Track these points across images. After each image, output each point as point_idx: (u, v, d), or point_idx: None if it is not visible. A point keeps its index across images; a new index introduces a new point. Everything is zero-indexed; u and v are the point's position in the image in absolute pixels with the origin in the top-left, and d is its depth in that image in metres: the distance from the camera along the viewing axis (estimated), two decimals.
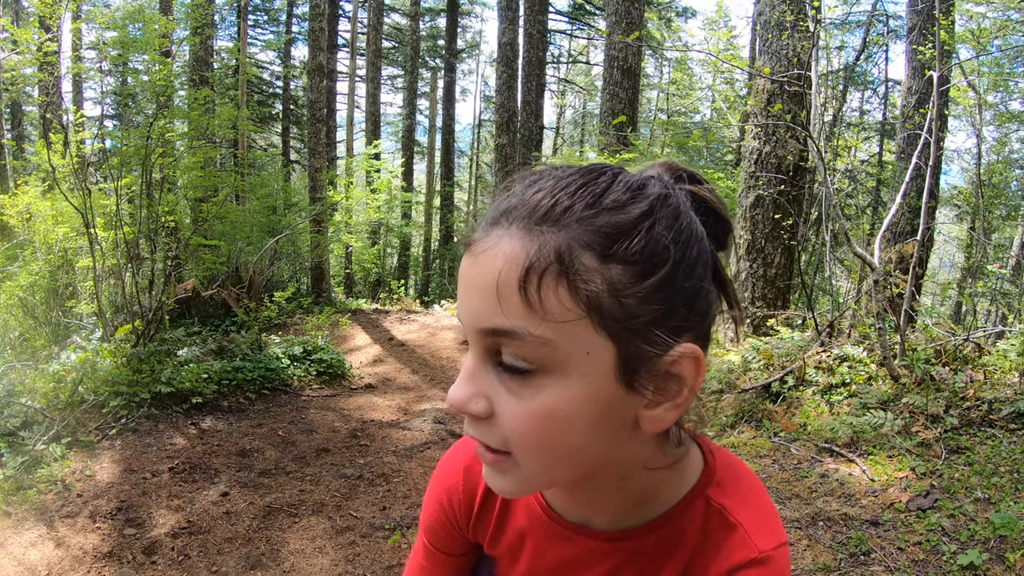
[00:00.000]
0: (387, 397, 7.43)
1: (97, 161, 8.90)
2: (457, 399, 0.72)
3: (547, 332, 0.66)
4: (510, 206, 0.71)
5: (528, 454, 0.72)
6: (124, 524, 4.13)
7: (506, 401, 0.71)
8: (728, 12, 27.79)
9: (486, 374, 0.72)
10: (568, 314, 0.66)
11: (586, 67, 33.18)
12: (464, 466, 1.04)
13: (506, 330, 0.67)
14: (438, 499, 1.06)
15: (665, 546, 0.85)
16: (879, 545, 3.36)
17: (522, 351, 0.68)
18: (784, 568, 0.82)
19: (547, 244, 0.66)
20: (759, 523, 0.83)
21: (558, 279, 0.66)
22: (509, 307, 0.67)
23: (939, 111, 5.79)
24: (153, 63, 8.30)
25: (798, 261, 8.70)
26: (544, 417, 0.69)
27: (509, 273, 0.66)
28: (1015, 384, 4.88)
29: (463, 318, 0.73)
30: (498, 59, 15.71)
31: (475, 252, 0.71)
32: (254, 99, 23.99)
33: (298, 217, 13.93)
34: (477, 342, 0.71)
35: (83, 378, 5.79)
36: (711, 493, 0.85)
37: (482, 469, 0.80)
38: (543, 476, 0.75)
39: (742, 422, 5.53)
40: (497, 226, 0.70)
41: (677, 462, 0.85)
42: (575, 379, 0.68)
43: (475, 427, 0.74)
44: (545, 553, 0.94)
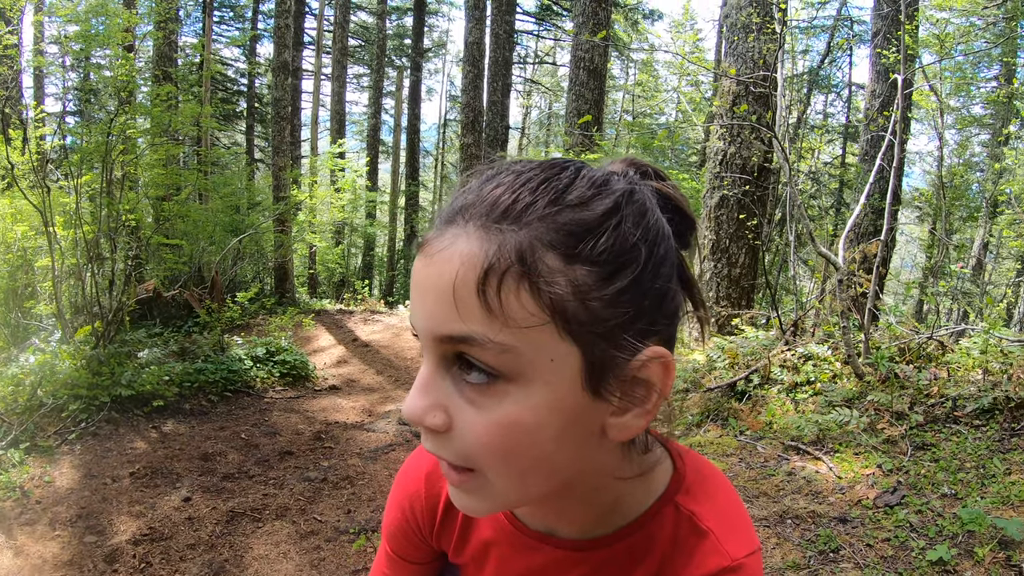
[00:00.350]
0: (351, 399, 7.37)
1: (57, 158, 8.73)
2: (414, 412, 0.67)
3: (508, 338, 0.62)
4: (466, 203, 0.66)
5: (492, 469, 0.67)
6: (84, 531, 4.04)
7: (465, 412, 0.66)
8: (694, 15, 28.03)
9: (443, 384, 0.67)
10: (531, 319, 0.62)
11: (552, 68, 33.30)
12: (426, 472, 1.01)
13: (464, 336, 0.62)
14: (400, 506, 1.03)
15: (634, 554, 0.83)
16: (848, 542, 3.37)
17: (482, 357, 0.63)
18: (758, 572, 0.79)
19: (507, 244, 0.62)
20: (730, 530, 0.81)
21: (519, 281, 0.61)
22: (467, 311, 0.62)
23: (903, 114, 5.86)
24: (116, 58, 8.16)
25: (762, 261, 8.76)
26: (506, 428, 0.65)
27: (467, 275, 0.62)
28: (978, 381, 4.95)
29: (417, 323, 0.68)
30: (464, 59, 15.69)
31: (429, 253, 0.66)
32: (218, 96, 23.74)
33: (262, 216, 13.77)
34: (433, 348, 0.66)
35: (42, 381, 5.67)
36: (680, 500, 0.83)
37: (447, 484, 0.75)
38: (516, 491, 0.70)
39: (708, 421, 5.55)
40: (453, 224, 0.66)
41: (645, 470, 0.82)
42: (538, 387, 0.64)
43: (433, 441, 0.69)
44: (511, 563, 0.92)
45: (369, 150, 23.06)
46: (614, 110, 29.70)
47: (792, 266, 7.30)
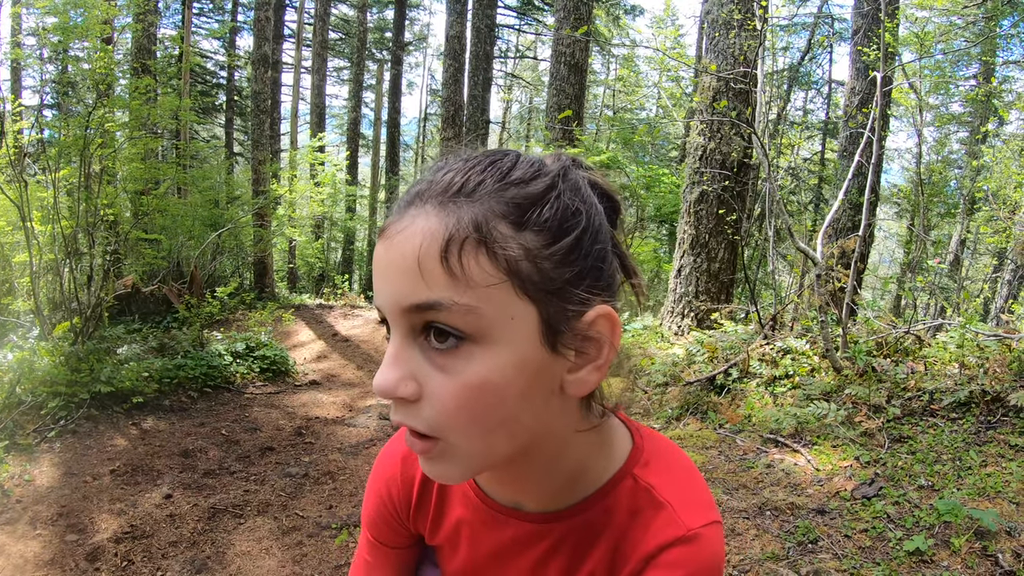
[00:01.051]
0: (332, 394, 7.35)
1: (34, 152, 8.62)
2: (386, 383, 0.71)
3: (471, 299, 0.68)
4: (421, 189, 0.74)
5: (460, 431, 0.72)
6: (65, 530, 4.02)
7: (434, 378, 0.71)
8: (675, 11, 28.09)
9: (412, 355, 0.72)
10: (490, 279, 0.68)
11: (533, 62, 33.20)
12: (402, 456, 1.04)
13: (431, 302, 0.68)
14: (377, 491, 1.07)
15: (594, 527, 0.86)
16: (826, 533, 3.42)
17: (449, 320, 0.68)
18: (713, 546, 0.82)
19: (464, 216, 0.69)
20: (687, 501, 0.84)
21: (477, 247, 0.68)
22: (432, 279, 0.68)
23: (882, 111, 5.92)
24: (94, 50, 8.07)
25: (741, 256, 8.82)
26: (475, 388, 0.69)
27: (430, 247, 0.68)
28: (955, 375, 5.01)
29: (384, 301, 0.72)
30: (445, 52, 15.64)
31: (390, 235, 0.72)
32: (197, 89, 23.50)
33: (241, 211, 13.67)
34: (401, 322, 0.71)
35: (20, 378, 5.61)
36: (638, 472, 0.86)
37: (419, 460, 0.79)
38: (481, 453, 0.74)
39: (687, 414, 5.59)
40: (411, 207, 0.73)
41: (604, 443, 0.87)
42: (502, 346, 0.70)
43: (403, 412, 0.73)
44: (481, 539, 0.95)
45: (349, 144, 22.96)
46: (595, 105, 29.71)
47: (771, 261, 7.35)
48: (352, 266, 23.20)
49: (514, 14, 25.31)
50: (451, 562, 1.03)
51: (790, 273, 11.19)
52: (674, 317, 8.60)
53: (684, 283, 8.49)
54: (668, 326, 8.62)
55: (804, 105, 22.83)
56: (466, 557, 0.99)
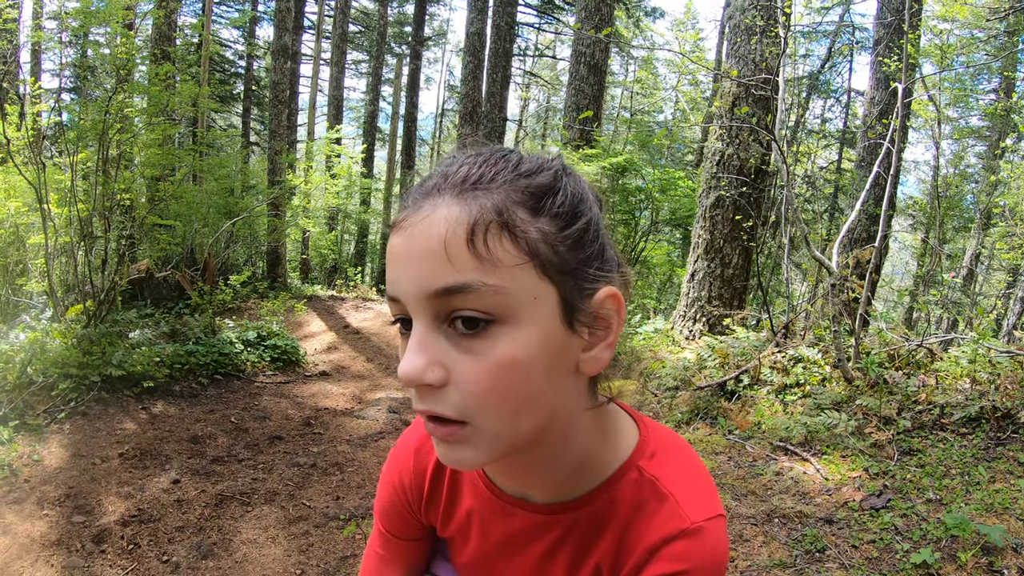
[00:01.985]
0: (341, 385, 7.36)
1: (53, 135, 8.66)
2: (413, 370, 0.72)
3: (498, 280, 0.70)
4: (435, 183, 0.76)
5: (489, 413, 0.73)
6: (73, 511, 4.04)
7: (462, 362, 0.72)
8: (696, 15, 28.00)
9: (437, 341, 0.73)
10: (515, 259, 0.71)
11: (552, 61, 33.17)
12: (415, 448, 1.06)
13: (460, 285, 0.70)
14: (390, 483, 1.09)
15: (600, 518, 0.88)
16: (834, 543, 3.40)
17: (478, 303, 0.70)
18: (717, 540, 0.83)
19: (485, 204, 0.72)
20: (692, 494, 0.85)
21: (501, 231, 0.71)
22: (459, 262, 0.70)
23: (902, 122, 5.89)
24: (115, 36, 8.09)
25: (756, 262, 8.79)
26: (503, 368, 0.72)
27: (455, 231, 0.70)
28: (966, 390, 4.98)
29: (405, 289, 0.74)
30: (465, 48, 15.63)
31: (407, 226, 0.74)
32: (216, 78, 23.54)
33: (256, 200, 13.71)
34: (425, 309, 0.73)
35: (32, 359, 5.64)
36: (644, 464, 0.88)
37: (434, 448, 0.80)
38: (506, 435, 0.75)
39: (697, 419, 5.58)
40: (427, 199, 0.75)
41: (610, 434, 0.89)
42: (527, 325, 0.72)
43: (428, 399, 0.74)
44: (491, 529, 0.97)
45: (366, 137, 22.99)
46: (612, 106, 29.68)
47: (785, 269, 7.32)
48: (365, 259, 23.21)
49: (534, 12, 25.27)
50: (462, 554, 1.05)
51: (802, 281, 11.15)
52: (686, 321, 8.58)
53: (697, 288, 8.47)
54: (680, 330, 8.60)
55: (822, 113, 22.75)
56: (476, 548, 1.01)
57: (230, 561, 3.67)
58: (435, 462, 1.04)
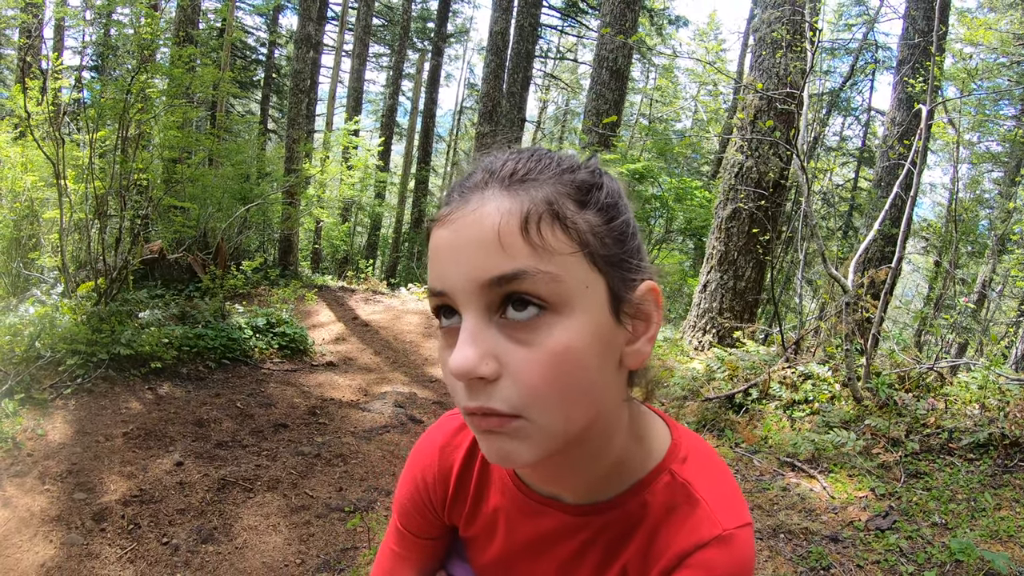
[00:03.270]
0: (348, 376, 7.35)
1: (73, 111, 8.68)
2: (466, 362, 0.71)
3: (553, 267, 0.71)
4: (480, 178, 0.77)
5: (544, 405, 0.72)
6: (74, 488, 4.04)
7: (516, 352, 0.72)
8: (719, 25, 27.95)
9: (489, 333, 0.73)
10: (567, 248, 0.72)
11: (572, 64, 33.17)
12: (440, 445, 1.05)
13: (516, 272, 0.70)
14: (413, 479, 1.08)
15: (631, 520, 0.87)
16: (838, 561, 3.38)
17: (533, 288, 0.70)
18: (746, 548, 0.84)
19: (536, 195, 0.73)
20: (723, 501, 0.86)
21: (552, 221, 0.72)
22: (514, 251, 0.70)
23: (924, 144, 5.85)
24: (139, 16, 8.11)
25: (770, 277, 8.76)
26: (559, 356, 0.71)
27: (509, 221, 0.71)
28: (975, 416, 4.95)
29: (456, 281, 0.73)
30: (488, 47, 15.65)
31: (455, 219, 0.75)
32: (237, 64, 23.62)
33: (271, 187, 13.69)
34: (478, 299, 0.72)
35: (41, 333, 5.65)
36: (676, 468, 0.88)
37: (479, 445, 0.79)
38: (559, 429, 0.75)
39: (704, 430, 5.56)
40: (473, 193, 0.75)
41: (643, 436, 0.89)
42: (579, 314, 0.73)
43: (481, 394, 0.73)
44: (519, 528, 0.96)
45: (384, 130, 23.01)
46: (631, 112, 29.65)
47: (798, 284, 7.30)
48: (376, 251, 23.26)
49: (558, 15, 25.24)
50: (484, 553, 1.04)
51: (813, 298, 11.10)
52: (696, 332, 8.55)
53: (709, 299, 8.45)
54: (689, 340, 8.58)
55: (841, 131, 22.69)
56: (502, 547, 1.00)
57: (230, 547, 3.67)
58: (462, 460, 1.03)
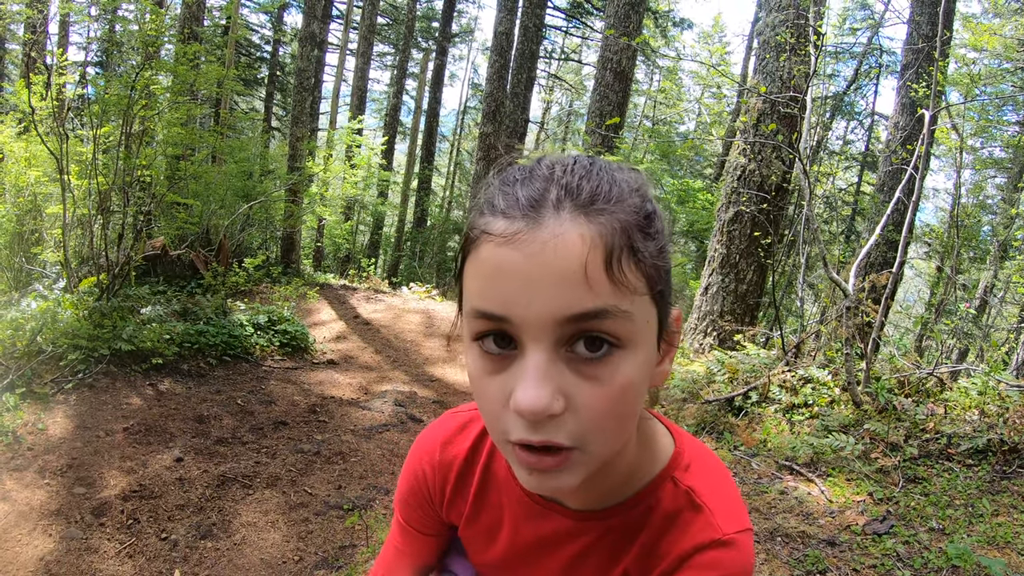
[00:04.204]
0: (348, 375, 7.36)
1: (77, 107, 8.69)
2: (540, 403, 0.67)
3: (630, 306, 0.69)
4: (552, 195, 0.70)
5: (602, 437, 0.72)
6: (74, 482, 4.05)
7: (583, 388, 0.69)
8: (724, 28, 27.95)
9: (557, 368, 0.69)
10: (641, 287, 0.71)
11: (576, 66, 33.18)
12: (441, 442, 1.05)
13: (599, 310, 0.67)
14: (413, 473, 1.08)
15: (634, 526, 0.88)
16: (835, 565, 3.38)
17: (610, 329, 0.69)
18: (745, 553, 0.85)
19: (614, 225, 0.69)
20: (724, 507, 0.87)
21: (630, 256, 0.69)
22: (599, 288, 0.67)
23: (927, 149, 5.86)
24: (143, 12, 8.12)
25: (771, 280, 8.76)
26: (623, 392, 0.71)
27: (594, 255, 0.67)
28: (974, 421, 4.95)
29: (525, 313, 0.68)
30: (492, 48, 15.64)
31: (526, 241, 0.68)
32: (241, 61, 23.64)
33: (274, 184, 13.70)
34: (552, 334, 0.68)
35: (42, 328, 5.66)
36: (679, 475, 0.89)
37: (518, 476, 0.76)
38: (605, 456, 0.75)
39: (703, 432, 5.56)
40: (544, 212, 0.69)
41: (650, 444, 0.90)
42: (640, 349, 0.72)
43: (547, 429, 0.70)
44: (522, 530, 0.97)
45: (387, 130, 23.00)
46: (634, 114, 29.65)
47: (800, 288, 7.30)
48: (378, 250, 23.25)
49: (562, 16, 25.22)
50: (485, 554, 1.04)
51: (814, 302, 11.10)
52: (696, 334, 8.55)
53: (710, 301, 8.45)
54: (690, 343, 8.58)
55: (844, 135, 22.68)
56: (503, 549, 1.00)
57: (228, 543, 3.68)
58: (464, 458, 1.03)
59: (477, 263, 0.72)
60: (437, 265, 20.95)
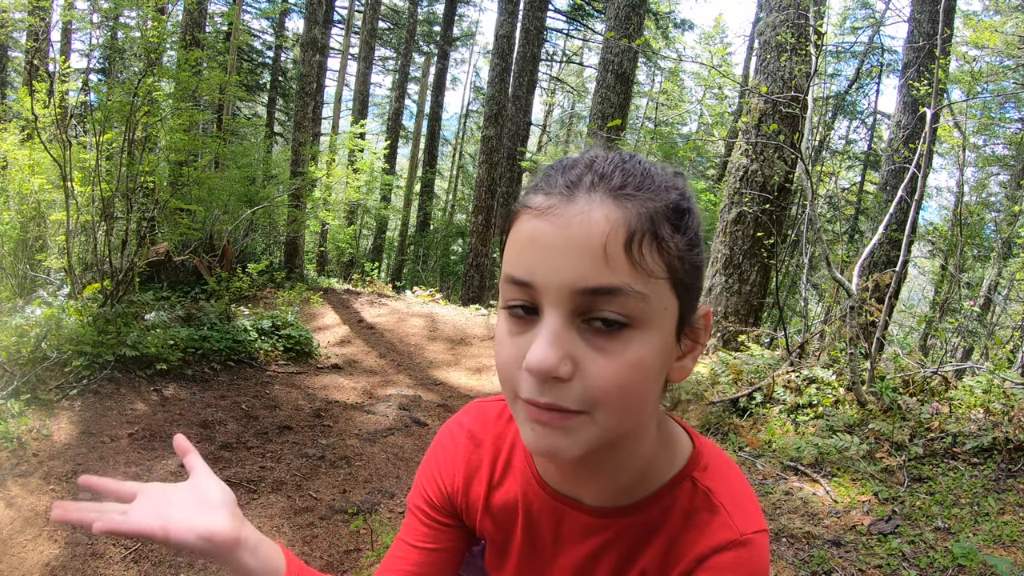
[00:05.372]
0: (353, 379, 7.36)
1: (80, 114, 8.72)
2: (548, 362, 0.72)
3: (645, 288, 0.73)
4: (589, 180, 0.76)
5: (610, 407, 0.75)
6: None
7: (593, 359, 0.74)
8: (725, 28, 27.93)
9: (570, 335, 0.74)
10: (659, 272, 0.74)
11: (578, 68, 33.19)
12: (469, 432, 1.07)
13: (613, 287, 0.72)
14: (438, 464, 1.08)
15: (651, 525, 0.89)
16: (840, 565, 3.38)
17: (624, 307, 0.73)
18: (762, 552, 0.86)
19: (642, 211, 0.74)
20: (741, 508, 0.88)
21: (652, 242, 0.74)
22: (617, 265, 0.72)
23: (929, 147, 5.85)
24: (145, 19, 8.15)
25: (775, 280, 8.75)
26: (632, 368, 0.74)
27: (616, 234, 0.72)
28: (979, 420, 4.94)
29: (552, 280, 0.74)
30: (494, 51, 15.66)
31: (558, 214, 0.75)
32: (244, 67, 23.70)
33: (277, 190, 13.73)
34: (567, 303, 0.74)
35: (47, 334, 5.67)
36: (698, 475, 0.90)
37: (521, 434, 0.80)
38: (611, 429, 0.77)
39: (708, 434, 5.55)
40: (578, 192, 0.75)
41: (668, 444, 0.91)
42: (655, 332, 0.76)
43: (553, 391, 0.74)
44: (538, 527, 0.98)
45: (390, 134, 23.02)
46: (636, 116, 29.66)
47: (803, 288, 7.29)
48: (382, 254, 23.27)
49: (563, 18, 25.25)
50: (500, 549, 1.05)
51: (818, 302, 11.09)
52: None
53: (713, 302, 8.44)
54: None
55: (847, 134, 22.65)
56: (519, 545, 1.01)
57: None
58: (491, 451, 1.05)
59: (515, 233, 0.79)
60: (441, 269, 21.01)
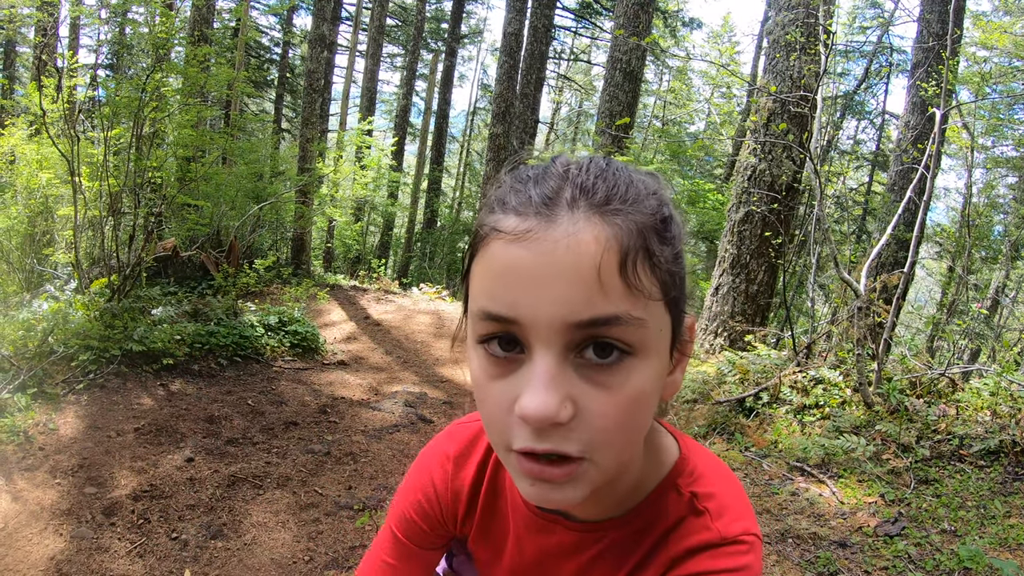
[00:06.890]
0: (359, 375, 7.37)
1: (88, 109, 8.74)
2: (547, 410, 0.65)
3: (643, 313, 0.66)
4: (567, 193, 0.68)
5: (610, 447, 0.69)
6: (85, 482, 4.06)
7: (594, 396, 0.67)
8: (733, 27, 27.84)
9: (566, 374, 0.67)
10: (655, 293, 0.68)
11: (586, 66, 33.16)
12: (454, 455, 1.02)
13: (611, 316, 0.65)
14: (423, 489, 1.03)
15: (638, 535, 0.87)
16: (846, 567, 3.37)
17: (622, 336, 0.66)
18: (746, 556, 0.81)
19: (630, 227, 0.67)
20: (727, 511, 0.84)
21: (644, 260, 0.67)
22: (613, 292, 0.65)
23: (938, 148, 5.83)
24: (154, 15, 8.15)
25: (782, 280, 8.73)
26: (635, 401, 0.68)
27: (609, 258, 0.64)
28: (986, 422, 4.92)
29: (535, 315, 0.65)
30: (502, 48, 15.66)
31: (538, 239, 0.66)
32: (251, 63, 23.73)
33: (284, 186, 13.74)
34: (562, 338, 0.66)
35: (54, 328, 5.69)
36: (682, 482, 0.87)
37: (519, 487, 0.73)
38: (613, 468, 0.72)
39: (714, 433, 5.54)
40: (558, 211, 0.67)
41: (655, 451, 0.88)
42: (653, 357, 0.69)
43: (554, 437, 0.67)
44: (526, 545, 0.95)
45: (397, 131, 23.03)
46: (644, 114, 29.60)
47: (810, 288, 7.27)
48: (389, 251, 23.28)
49: (572, 16, 25.21)
50: (491, 568, 1.03)
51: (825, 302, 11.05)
52: (707, 335, 8.53)
53: (721, 302, 8.42)
54: (701, 343, 8.55)
55: (855, 134, 22.59)
56: (509, 563, 0.98)
57: (239, 543, 3.68)
58: (475, 473, 1.00)
59: (486, 261, 0.70)
60: (447, 266, 20.99)
